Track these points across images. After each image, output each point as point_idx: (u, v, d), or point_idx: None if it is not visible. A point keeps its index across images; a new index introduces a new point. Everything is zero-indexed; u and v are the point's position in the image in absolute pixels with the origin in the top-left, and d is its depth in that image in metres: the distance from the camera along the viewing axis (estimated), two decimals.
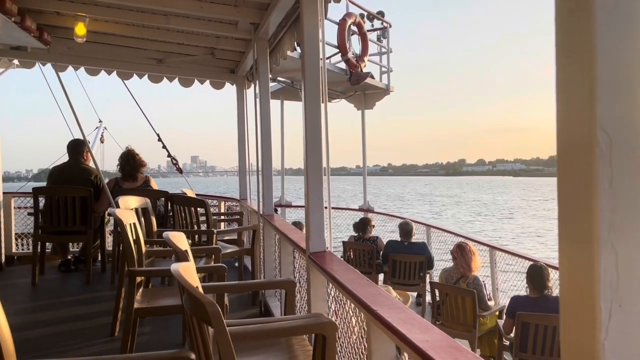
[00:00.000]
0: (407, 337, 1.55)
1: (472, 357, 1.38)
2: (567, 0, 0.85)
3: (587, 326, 0.83)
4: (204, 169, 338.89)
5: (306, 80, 2.95)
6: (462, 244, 5.78)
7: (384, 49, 9.81)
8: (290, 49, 4.83)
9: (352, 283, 2.17)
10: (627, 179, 0.82)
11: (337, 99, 10.16)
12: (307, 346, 2.46)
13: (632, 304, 0.83)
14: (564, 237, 0.88)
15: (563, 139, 0.87)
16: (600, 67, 0.81)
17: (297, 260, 3.81)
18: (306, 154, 2.95)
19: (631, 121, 0.82)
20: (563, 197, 0.88)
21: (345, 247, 8.05)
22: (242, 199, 7.24)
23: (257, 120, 4.96)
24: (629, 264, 0.82)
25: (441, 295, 5.69)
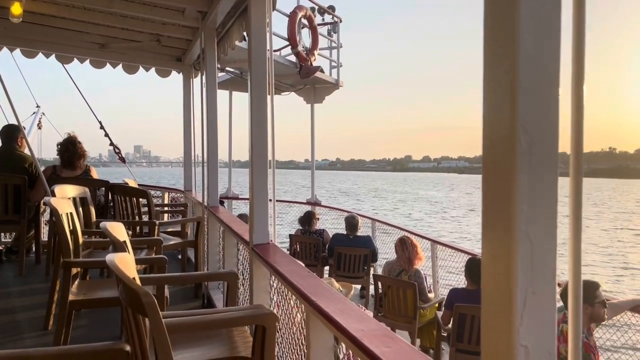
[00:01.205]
0: (344, 326, 1.58)
1: (404, 345, 1.43)
2: (495, 8, 0.90)
3: (504, 312, 0.89)
4: (147, 159, 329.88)
5: (253, 71, 2.93)
6: (404, 238, 5.92)
7: (334, 43, 9.85)
8: (238, 39, 4.78)
9: (293, 275, 2.19)
10: (543, 176, 0.88)
11: (286, 92, 10.13)
12: (248, 337, 2.47)
13: (544, 291, 0.88)
14: (486, 229, 0.93)
15: (488, 137, 0.92)
16: (522, 71, 0.86)
17: (241, 252, 3.79)
18: (251, 146, 2.94)
19: (549, 122, 0.88)
20: (486, 192, 0.93)
21: (292, 240, 8.07)
22: (187, 191, 7.11)
23: (203, 111, 4.88)
24: (542, 254, 0.88)
25: (384, 287, 5.81)
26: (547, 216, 0.88)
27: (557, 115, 0.89)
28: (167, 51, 6.57)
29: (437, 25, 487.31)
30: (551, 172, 0.88)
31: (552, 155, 0.88)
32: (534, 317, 0.88)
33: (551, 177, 0.89)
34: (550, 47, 0.87)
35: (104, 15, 5.39)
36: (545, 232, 0.88)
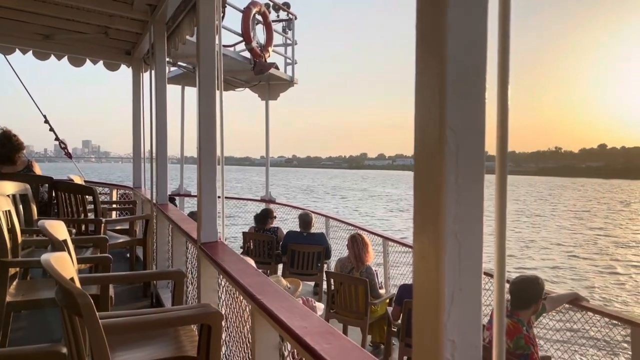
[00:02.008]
0: (287, 324, 1.59)
1: (346, 342, 1.45)
2: (425, 14, 0.92)
3: (433, 308, 0.92)
4: (97, 155, 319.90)
5: (201, 66, 2.89)
6: (355, 236, 5.98)
7: (289, 40, 9.82)
8: (189, 34, 4.69)
9: (240, 273, 2.18)
10: (470, 176, 0.91)
11: (241, 88, 10.03)
12: (194, 337, 2.44)
13: (471, 288, 0.92)
14: (417, 228, 0.95)
15: (419, 137, 0.95)
16: (449, 74, 0.89)
17: (189, 250, 3.74)
18: (199, 142, 2.90)
19: (475, 123, 0.91)
20: (417, 191, 0.96)
21: (245, 237, 8.02)
22: (136, 187, 6.94)
23: (152, 105, 4.78)
24: (469, 252, 0.91)
25: (336, 284, 5.86)
26: (473, 215, 0.92)
27: (484, 116, 0.92)
28: (116, 44, 6.39)
29: (394, 23, 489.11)
30: (478, 172, 0.92)
31: (478, 155, 0.91)
32: (460, 313, 0.91)
33: (478, 177, 0.92)
34: (477, 52, 0.90)
35: (47, 5, 5.18)
36: (472, 230, 0.92)
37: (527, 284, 3.74)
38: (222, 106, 2.84)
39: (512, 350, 3.63)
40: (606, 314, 4.15)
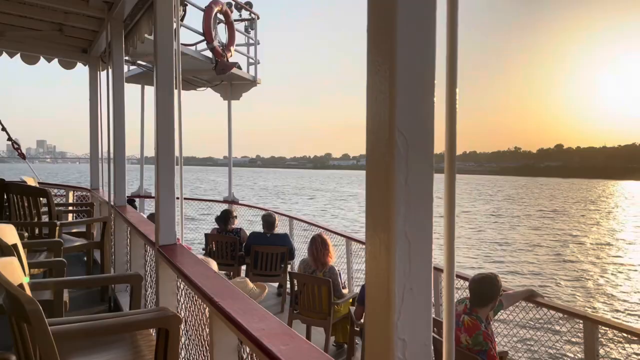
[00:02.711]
0: (244, 326, 1.58)
1: (302, 343, 1.45)
2: (376, 16, 0.93)
3: (384, 308, 0.93)
4: (52, 155, 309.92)
5: (159, 65, 2.83)
6: (314, 237, 5.99)
7: (252, 40, 9.76)
8: (148, 32, 4.60)
9: (198, 276, 2.15)
10: (419, 177, 0.93)
11: (202, 88, 9.91)
12: (152, 341, 2.40)
13: (421, 287, 0.93)
14: (368, 228, 0.96)
15: (370, 139, 0.96)
16: (399, 77, 0.90)
17: (148, 253, 3.66)
18: (157, 142, 2.84)
19: (424, 125, 0.93)
20: (369, 192, 0.97)
21: (208, 239, 7.92)
22: (94, 189, 6.76)
23: (109, 105, 4.66)
24: (419, 252, 0.93)
25: (299, 285, 5.85)
26: (423, 215, 0.93)
27: (433, 119, 0.94)
28: (71, 42, 6.20)
29: (359, 22, 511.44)
30: (427, 173, 0.93)
31: (428, 157, 0.93)
32: (410, 312, 0.92)
33: (427, 178, 0.93)
34: (426, 55, 0.92)
35: None
36: (422, 230, 0.93)
37: (486, 282, 3.82)
38: (180, 106, 2.80)
39: (471, 347, 3.70)
40: (559, 309, 4.29)
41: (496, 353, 3.80)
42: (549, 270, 18.61)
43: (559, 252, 23.12)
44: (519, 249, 23.12)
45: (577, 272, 18.52)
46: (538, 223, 35.48)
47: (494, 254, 21.73)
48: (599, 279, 17.67)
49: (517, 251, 22.73)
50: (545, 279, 17.04)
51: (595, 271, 19.18)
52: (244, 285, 3.43)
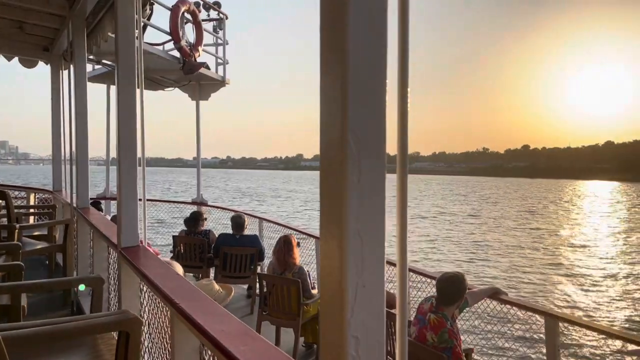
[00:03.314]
0: (204, 327, 1.57)
1: (262, 343, 1.44)
2: (328, 19, 0.94)
3: (338, 306, 0.93)
4: (14, 156, 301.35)
5: (120, 64, 2.78)
6: (279, 239, 5.99)
7: (220, 40, 9.69)
8: (111, 31, 4.51)
9: (159, 278, 2.12)
10: (371, 176, 0.93)
11: (170, 88, 9.78)
12: (114, 344, 2.35)
13: (374, 285, 0.94)
14: (323, 227, 0.97)
15: (323, 140, 0.96)
16: (351, 78, 0.90)
17: (111, 256, 3.59)
18: (119, 143, 2.79)
19: (375, 126, 0.94)
20: (323, 192, 0.97)
21: (176, 241, 7.81)
22: (56, 191, 6.59)
23: (71, 105, 4.55)
24: (372, 250, 0.94)
25: (268, 286, 5.82)
26: (376, 214, 0.94)
27: (384, 120, 0.95)
28: (33, 40, 6.04)
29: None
30: (379, 172, 0.94)
31: (379, 156, 0.94)
32: (364, 310, 0.93)
33: (379, 177, 0.94)
34: (378, 57, 0.93)
35: None
36: (375, 229, 0.94)
37: (452, 282, 3.89)
38: (142, 106, 2.75)
39: (437, 344, 3.75)
40: (523, 306, 4.39)
41: (461, 350, 3.86)
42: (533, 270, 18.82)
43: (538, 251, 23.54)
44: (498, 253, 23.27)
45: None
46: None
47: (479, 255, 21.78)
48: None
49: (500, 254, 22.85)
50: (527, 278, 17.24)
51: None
52: (210, 288, 3.40)
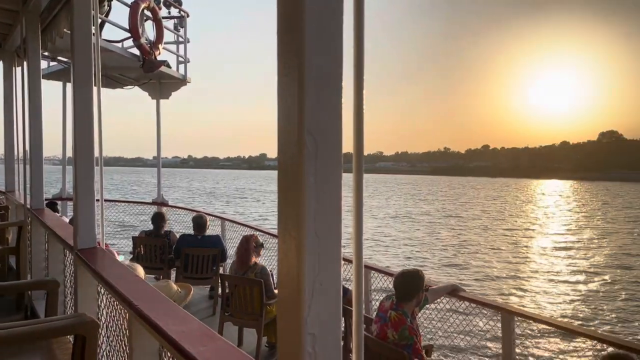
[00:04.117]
0: (163, 329, 1.55)
1: (222, 343, 1.44)
2: (285, 18, 0.95)
3: (295, 304, 0.95)
4: None
5: (76, 61, 2.71)
6: (243, 238, 5.99)
7: (181, 38, 9.55)
8: (67, 27, 4.38)
9: (117, 279, 2.09)
10: (328, 176, 0.95)
11: (130, 86, 9.58)
12: (69, 348, 2.30)
13: (331, 282, 0.96)
14: (281, 227, 0.98)
15: (281, 140, 0.97)
16: (308, 79, 0.92)
17: (67, 258, 3.50)
18: (75, 142, 2.72)
19: (332, 126, 0.96)
20: (280, 191, 0.98)
21: (136, 242, 7.67)
22: (9, 191, 6.36)
23: (24, 102, 4.41)
24: (329, 248, 0.96)
25: (230, 287, 5.79)
26: (333, 213, 0.96)
27: (341, 120, 0.97)
28: None
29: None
30: (336, 172, 0.96)
31: (336, 156, 0.96)
32: (320, 307, 0.95)
33: (336, 177, 0.96)
34: (334, 58, 0.95)
35: None
36: (331, 228, 0.96)
37: (408, 277, 3.96)
38: (100, 104, 2.69)
39: (398, 341, 3.81)
40: (480, 302, 4.51)
41: (421, 346, 3.93)
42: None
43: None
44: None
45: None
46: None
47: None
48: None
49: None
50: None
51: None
52: (168, 289, 3.35)
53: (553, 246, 25.46)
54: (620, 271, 19.12)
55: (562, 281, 17.22)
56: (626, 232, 30.80)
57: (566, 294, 15.47)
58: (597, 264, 20.70)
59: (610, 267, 20.08)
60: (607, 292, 15.61)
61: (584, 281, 17.13)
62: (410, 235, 27.58)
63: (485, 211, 45.62)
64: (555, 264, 20.73)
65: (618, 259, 21.77)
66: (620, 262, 21.00)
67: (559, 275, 18.38)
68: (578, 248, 24.88)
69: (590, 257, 22.52)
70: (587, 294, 15.42)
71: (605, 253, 23.45)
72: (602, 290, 15.96)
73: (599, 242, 26.79)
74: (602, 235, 29.33)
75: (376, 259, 19.26)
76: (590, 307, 13.84)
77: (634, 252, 23.67)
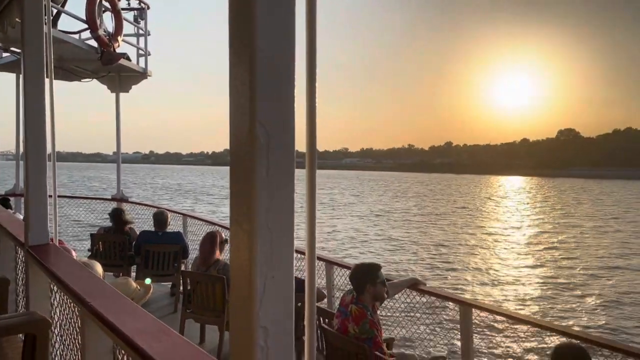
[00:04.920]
0: (117, 326, 1.52)
1: (178, 339, 1.43)
2: (236, 8, 0.94)
3: (247, 297, 0.94)
4: None
5: (27, 52, 2.62)
6: (207, 234, 5.94)
7: (142, 30, 9.34)
8: (19, 17, 4.22)
9: (71, 277, 2.03)
10: (281, 169, 0.95)
11: (87, 79, 9.31)
12: (20, 347, 2.23)
13: (283, 276, 0.96)
14: (232, 219, 0.97)
15: (233, 132, 0.96)
16: (259, 68, 0.91)
17: (19, 255, 3.38)
18: (26, 136, 2.63)
19: (285, 118, 0.95)
20: (232, 184, 0.97)
21: (94, 239, 7.49)
22: None
23: None
24: (281, 241, 0.95)
25: (192, 283, 5.73)
26: (285, 207, 0.96)
27: (293, 112, 0.96)
28: None
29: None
30: (288, 166, 0.96)
31: (288, 148, 0.96)
32: (272, 300, 0.95)
33: (288, 170, 0.96)
34: (286, 49, 0.94)
35: None
36: (284, 221, 0.96)
37: (358, 270, 4.03)
38: (52, 96, 2.61)
39: (359, 335, 3.85)
40: (439, 295, 4.61)
41: (382, 340, 3.98)
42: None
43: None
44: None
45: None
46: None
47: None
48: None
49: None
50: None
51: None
52: (126, 287, 3.28)
53: (525, 242, 26.14)
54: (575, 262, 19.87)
55: (524, 274, 17.73)
56: (589, 227, 31.85)
57: (523, 285, 15.97)
58: (556, 258, 21.43)
59: (568, 259, 20.83)
60: (566, 283, 16.18)
61: (544, 275, 17.67)
62: (389, 234, 27.37)
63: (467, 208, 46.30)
64: (519, 258, 21.32)
65: (572, 252, 22.57)
66: (577, 255, 21.78)
67: (520, 269, 18.93)
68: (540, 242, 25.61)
69: (550, 250, 23.31)
70: (546, 285, 15.94)
71: (564, 247, 24.32)
72: (563, 282, 16.53)
73: (559, 237, 27.71)
74: (561, 231, 30.32)
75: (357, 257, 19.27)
76: (551, 300, 14.29)
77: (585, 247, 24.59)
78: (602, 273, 18.13)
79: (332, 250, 20.27)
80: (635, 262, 20.20)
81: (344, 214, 36.95)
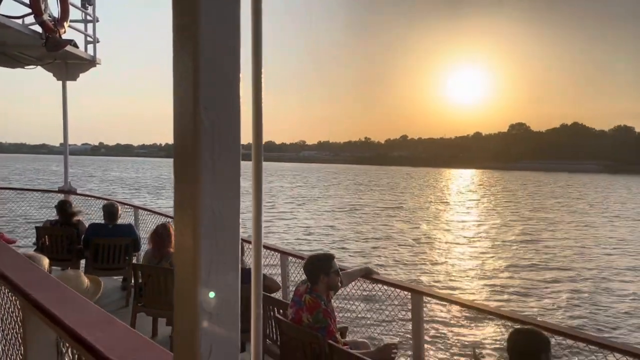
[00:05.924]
0: (59, 318, 1.48)
1: (122, 328, 1.40)
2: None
3: (191, 282, 0.93)
4: None
5: None
6: (159, 226, 5.86)
7: (90, 16, 9.01)
8: None
9: (9, 269, 1.95)
10: (226, 153, 0.94)
11: (31, 66, 8.92)
12: None
13: (228, 261, 0.95)
14: (176, 204, 0.96)
15: (176, 116, 0.95)
16: (204, 53, 0.90)
17: None
18: None
19: (231, 102, 0.94)
20: (176, 168, 0.96)
21: (40, 233, 7.23)
22: None
23: None
24: (226, 227, 0.94)
25: (144, 277, 5.64)
26: (230, 192, 0.95)
27: (239, 97, 0.95)
28: None
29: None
30: (234, 150, 0.95)
31: (234, 133, 0.94)
32: (217, 285, 0.94)
33: (234, 155, 0.95)
34: (231, 34, 0.93)
35: None
36: (229, 206, 0.95)
37: (312, 260, 4.09)
38: None
39: (312, 324, 3.88)
40: (391, 283, 4.70)
41: (336, 329, 4.03)
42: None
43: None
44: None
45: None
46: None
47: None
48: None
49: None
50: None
51: None
52: (79, 282, 3.17)
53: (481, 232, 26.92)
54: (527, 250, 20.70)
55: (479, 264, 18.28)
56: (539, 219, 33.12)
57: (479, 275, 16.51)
58: (508, 244, 22.27)
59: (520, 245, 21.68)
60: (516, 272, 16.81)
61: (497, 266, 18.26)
62: (362, 228, 27.25)
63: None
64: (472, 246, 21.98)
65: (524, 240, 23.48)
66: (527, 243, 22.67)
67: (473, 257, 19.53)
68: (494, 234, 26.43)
69: (500, 238, 24.18)
70: (496, 275, 16.51)
71: (515, 233, 25.29)
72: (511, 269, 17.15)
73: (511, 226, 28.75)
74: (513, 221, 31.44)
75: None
76: (503, 288, 14.81)
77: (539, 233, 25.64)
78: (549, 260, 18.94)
79: (289, 243, 20.31)
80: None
81: (313, 208, 36.93)
